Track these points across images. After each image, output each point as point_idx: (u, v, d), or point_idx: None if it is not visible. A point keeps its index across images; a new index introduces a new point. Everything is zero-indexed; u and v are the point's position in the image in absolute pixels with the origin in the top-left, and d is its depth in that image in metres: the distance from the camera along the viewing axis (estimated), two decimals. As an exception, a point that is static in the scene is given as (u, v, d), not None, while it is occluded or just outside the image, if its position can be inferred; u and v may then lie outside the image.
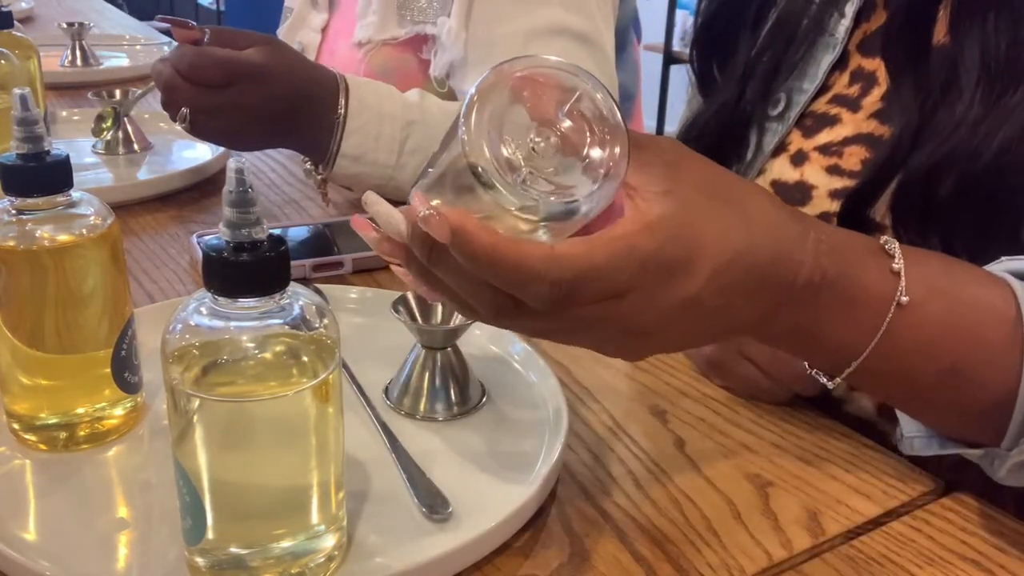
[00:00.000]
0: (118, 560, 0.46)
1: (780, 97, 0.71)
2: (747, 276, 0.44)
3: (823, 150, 0.66)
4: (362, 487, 0.51)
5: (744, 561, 0.48)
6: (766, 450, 0.57)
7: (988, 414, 0.49)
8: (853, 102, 0.65)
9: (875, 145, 0.63)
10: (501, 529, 0.47)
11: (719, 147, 0.73)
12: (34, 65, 1.02)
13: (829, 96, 0.67)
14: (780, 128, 0.70)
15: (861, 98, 0.65)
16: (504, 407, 0.59)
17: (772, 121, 0.71)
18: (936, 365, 0.49)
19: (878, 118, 0.63)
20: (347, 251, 0.79)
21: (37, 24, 1.79)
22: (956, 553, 0.49)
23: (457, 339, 0.58)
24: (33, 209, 0.50)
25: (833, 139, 0.65)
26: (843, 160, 0.64)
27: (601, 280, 0.41)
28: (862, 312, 0.47)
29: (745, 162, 0.72)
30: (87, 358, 0.53)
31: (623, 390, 0.63)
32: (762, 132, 0.71)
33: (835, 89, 0.67)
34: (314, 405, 0.42)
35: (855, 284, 0.47)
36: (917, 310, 0.48)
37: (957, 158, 0.56)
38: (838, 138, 0.65)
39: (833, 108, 0.67)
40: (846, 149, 0.64)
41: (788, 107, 0.69)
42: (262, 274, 0.40)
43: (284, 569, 0.43)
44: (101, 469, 0.53)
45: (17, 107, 0.48)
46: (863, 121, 0.64)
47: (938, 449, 0.52)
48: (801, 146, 0.67)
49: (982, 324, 0.49)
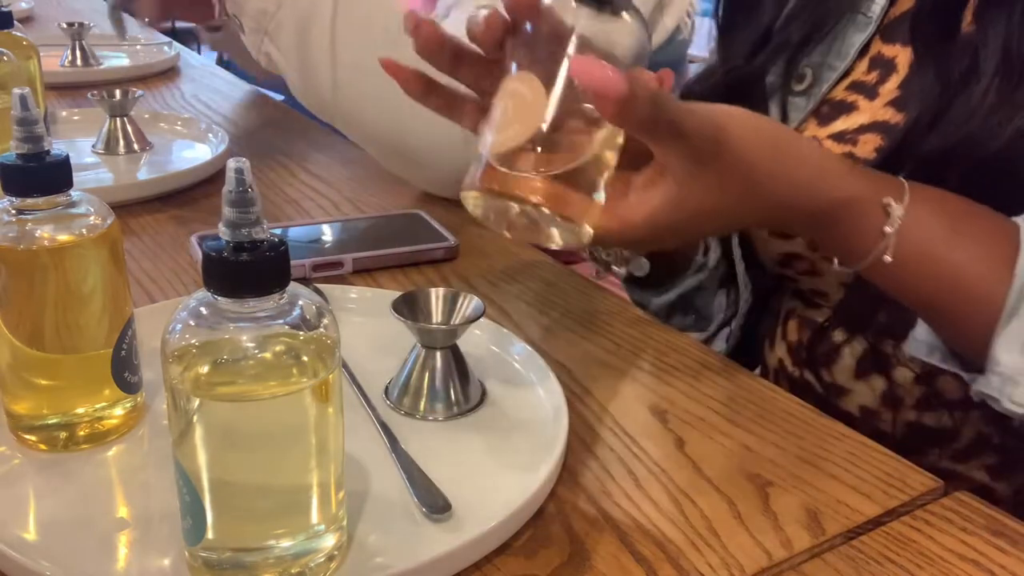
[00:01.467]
0: (118, 560, 0.46)
1: (806, 73, 0.70)
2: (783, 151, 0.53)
3: (837, 138, 0.65)
4: (362, 487, 0.51)
5: (744, 561, 0.48)
6: (766, 450, 0.57)
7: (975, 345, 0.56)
8: (871, 89, 0.65)
9: (890, 133, 0.62)
10: (501, 529, 0.47)
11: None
12: (34, 65, 1.02)
13: (848, 82, 0.67)
14: (806, 105, 0.69)
15: (878, 85, 0.65)
16: (504, 407, 0.59)
17: (797, 96, 0.70)
18: (915, 302, 0.58)
19: (894, 106, 0.63)
20: (347, 251, 0.79)
21: (37, 24, 1.79)
22: (956, 553, 0.49)
23: (457, 339, 0.58)
24: (33, 209, 0.50)
25: (848, 127, 0.65)
26: (857, 148, 0.64)
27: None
28: (857, 244, 0.56)
29: None
30: (87, 358, 0.53)
31: (623, 390, 0.63)
32: (786, 107, 0.71)
33: (854, 75, 0.67)
34: (314, 405, 0.42)
35: (852, 231, 0.56)
36: (898, 268, 0.55)
37: (969, 144, 0.57)
38: (853, 126, 0.65)
39: (851, 95, 0.66)
40: (861, 137, 0.64)
41: (814, 83, 0.68)
42: (262, 274, 0.40)
43: (284, 569, 0.43)
44: (101, 469, 0.53)
45: (17, 107, 0.48)
46: (879, 109, 0.64)
47: (939, 361, 0.59)
48: (815, 133, 0.67)
49: (965, 281, 0.55)
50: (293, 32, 0.91)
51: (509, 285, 0.77)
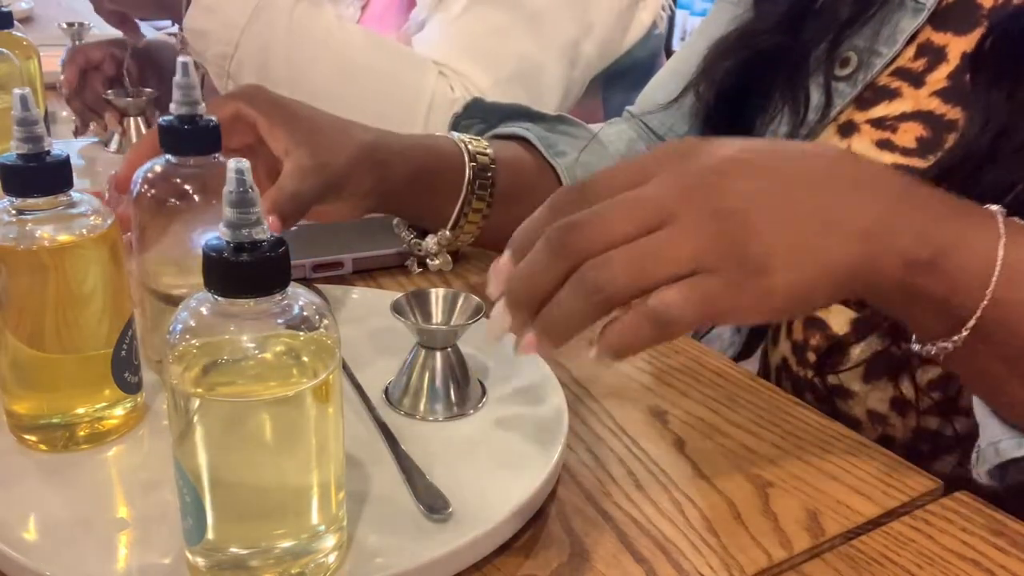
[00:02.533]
0: (118, 560, 0.46)
1: (850, 57, 0.67)
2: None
3: (876, 123, 0.63)
4: (362, 487, 0.51)
5: (744, 561, 0.48)
6: (766, 450, 0.57)
7: None
8: (917, 77, 0.63)
9: (935, 125, 0.60)
10: (501, 529, 0.47)
11: (741, 81, 0.70)
12: (34, 65, 1.02)
13: (892, 68, 0.65)
14: (850, 91, 0.66)
15: (926, 73, 0.62)
16: (504, 407, 0.59)
17: (840, 81, 0.67)
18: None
19: (942, 96, 0.61)
20: (347, 251, 0.79)
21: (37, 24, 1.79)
22: (956, 553, 0.49)
23: (457, 339, 0.58)
24: (33, 209, 0.50)
25: (889, 113, 0.63)
26: (896, 135, 0.62)
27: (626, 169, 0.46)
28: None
29: (805, 121, 0.69)
30: (87, 358, 0.53)
31: (623, 390, 0.63)
32: (830, 91, 0.68)
33: (899, 61, 0.65)
34: (314, 405, 0.42)
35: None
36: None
37: None
38: (895, 112, 0.62)
39: (895, 81, 0.64)
40: (901, 125, 0.62)
41: (859, 69, 0.66)
42: (262, 274, 0.40)
43: (284, 569, 0.43)
44: (101, 469, 0.53)
45: (17, 107, 0.48)
46: (925, 98, 0.61)
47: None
48: (852, 117, 0.65)
49: None
50: (253, 70, 0.95)
51: (509, 285, 0.77)
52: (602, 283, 0.44)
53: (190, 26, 0.91)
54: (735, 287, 0.44)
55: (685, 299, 0.43)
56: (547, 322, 0.46)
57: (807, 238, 0.45)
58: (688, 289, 0.43)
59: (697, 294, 0.44)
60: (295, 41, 0.89)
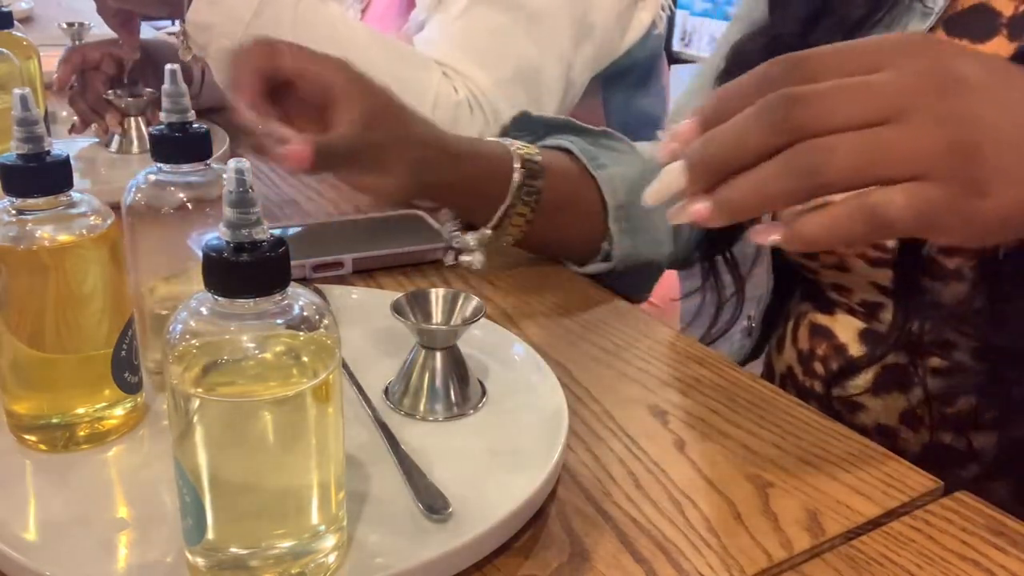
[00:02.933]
0: (118, 560, 0.46)
1: None
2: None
3: None
4: (362, 487, 0.51)
5: (744, 562, 0.48)
6: (766, 450, 0.57)
7: None
8: None
9: None
10: (501, 529, 0.47)
11: None
12: (34, 65, 1.02)
13: None
14: None
15: None
16: (504, 407, 0.59)
17: None
18: None
19: None
20: (347, 251, 0.79)
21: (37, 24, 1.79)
22: (956, 553, 0.49)
23: (457, 339, 0.58)
24: (33, 209, 0.50)
25: None
26: None
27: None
28: None
29: None
30: (87, 358, 0.53)
31: (623, 390, 0.63)
32: None
33: None
34: (314, 405, 0.42)
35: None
36: None
37: None
38: None
39: None
40: None
41: None
42: (262, 274, 0.40)
43: (284, 569, 0.43)
44: (101, 469, 0.53)
45: (17, 107, 0.48)
46: None
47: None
48: None
49: None
50: None
51: (509, 285, 0.77)
52: (822, 166, 0.41)
53: (193, 19, 0.90)
54: (956, 204, 0.42)
55: (908, 203, 0.41)
56: (737, 193, 0.43)
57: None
58: (912, 195, 0.42)
59: (920, 202, 0.42)
60: (300, 36, 0.88)
